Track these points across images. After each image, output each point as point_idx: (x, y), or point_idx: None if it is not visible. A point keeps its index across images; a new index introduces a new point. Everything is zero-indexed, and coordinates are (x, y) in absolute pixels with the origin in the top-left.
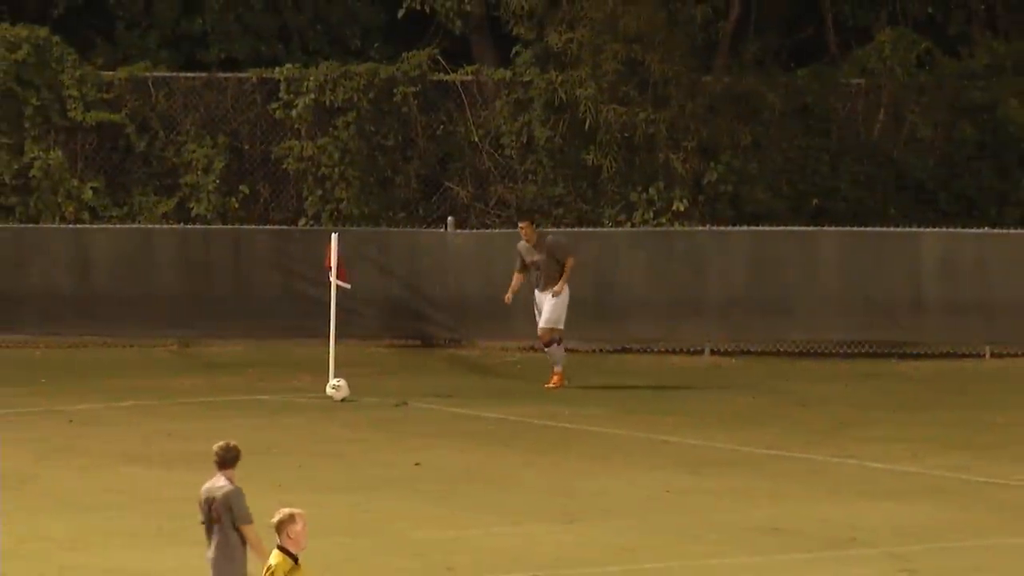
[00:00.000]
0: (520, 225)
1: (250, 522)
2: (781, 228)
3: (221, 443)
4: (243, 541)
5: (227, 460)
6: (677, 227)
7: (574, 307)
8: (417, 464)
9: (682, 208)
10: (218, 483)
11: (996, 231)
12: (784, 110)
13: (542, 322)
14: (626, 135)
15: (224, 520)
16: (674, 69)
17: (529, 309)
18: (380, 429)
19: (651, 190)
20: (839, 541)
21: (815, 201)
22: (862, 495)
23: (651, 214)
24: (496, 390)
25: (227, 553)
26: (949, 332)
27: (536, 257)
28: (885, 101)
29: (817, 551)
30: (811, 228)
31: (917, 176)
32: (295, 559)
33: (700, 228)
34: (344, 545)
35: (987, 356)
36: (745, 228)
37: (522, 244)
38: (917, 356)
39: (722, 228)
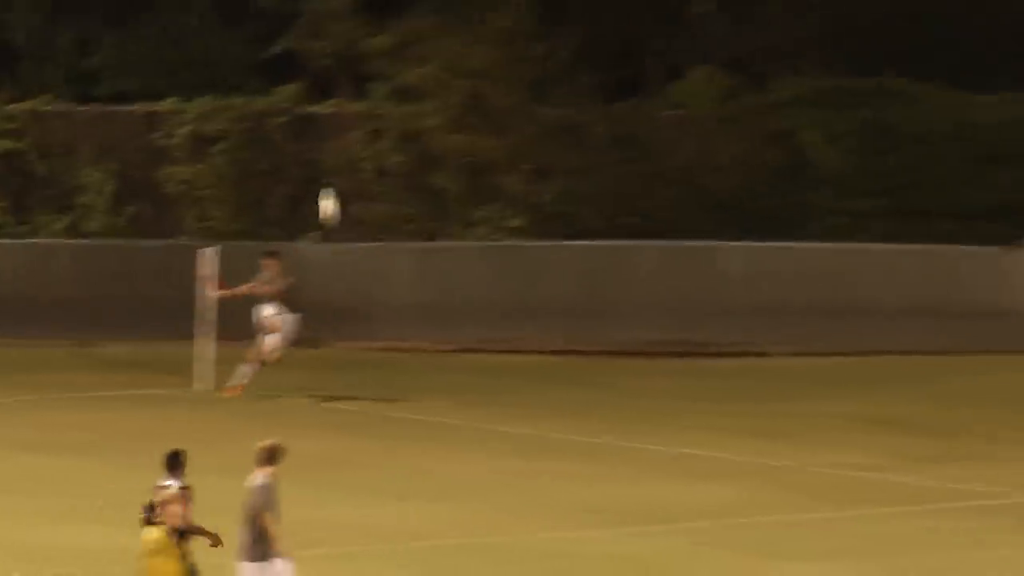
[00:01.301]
0: (266, 262)
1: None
2: (605, 243)
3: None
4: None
5: (262, 458)
6: (514, 242)
7: (422, 311)
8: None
9: (518, 225)
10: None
11: (792, 244)
12: (609, 138)
13: (278, 341)
14: (469, 160)
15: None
16: (512, 101)
17: (388, 315)
18: (252, 419)
19: (491, 209)
20: (648, 518)
21: (634, 218)
22: (671, 477)
23: (491, 230)
24: (354, 386)
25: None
26: (747, 334)
27: (274, 286)
28: (695, 130)
29: (628, 526)
30: (631, 242)
31: (722, 196)
32: (178, 534)
33: (534, 243)
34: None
35: (777, 355)
36: (574, 243)
37: (264, 275)
38: (720, 354)
39: (554, 243)
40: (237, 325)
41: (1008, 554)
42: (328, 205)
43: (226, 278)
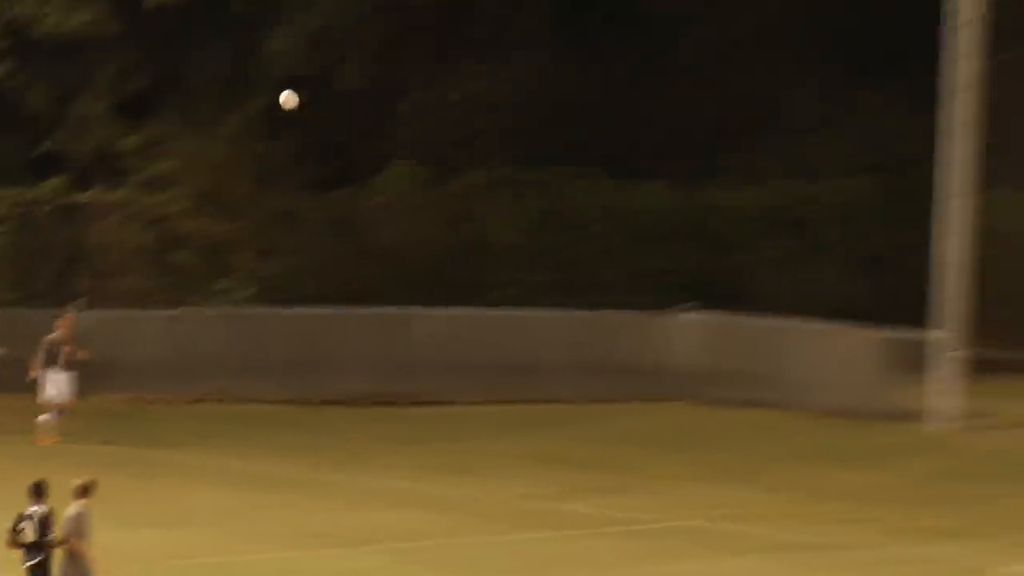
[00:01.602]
0: (59, 323)
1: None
2: (321, 309)
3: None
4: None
5: (78, 492)
6: (246, 309)
7: (168, 368)
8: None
9: (249, 294)
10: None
11: (476, 311)
12: (325, 221)
13: (64, 396)
14: (208, 241)
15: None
16: (244, 191)
17: (140, 371)
18: (23, 461)
19: (226, 282)
20: (359, 540)
21: (346, 289)
22: (379, 506)
23: (226, 299)
24: (114, 430)
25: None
26: (439, 386)
27: (63, 346)
28: (396, 214)
29: (343, 548)
30: (343, 309)
31: (417, 270)
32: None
33: (263, 309)
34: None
35: (463, 403)
36: (296, 309)
37: (55, 335)
38: (416, 403)
39: (279, 309)
40: (13, 381)
41: (662, 569)
42: (290, 98)
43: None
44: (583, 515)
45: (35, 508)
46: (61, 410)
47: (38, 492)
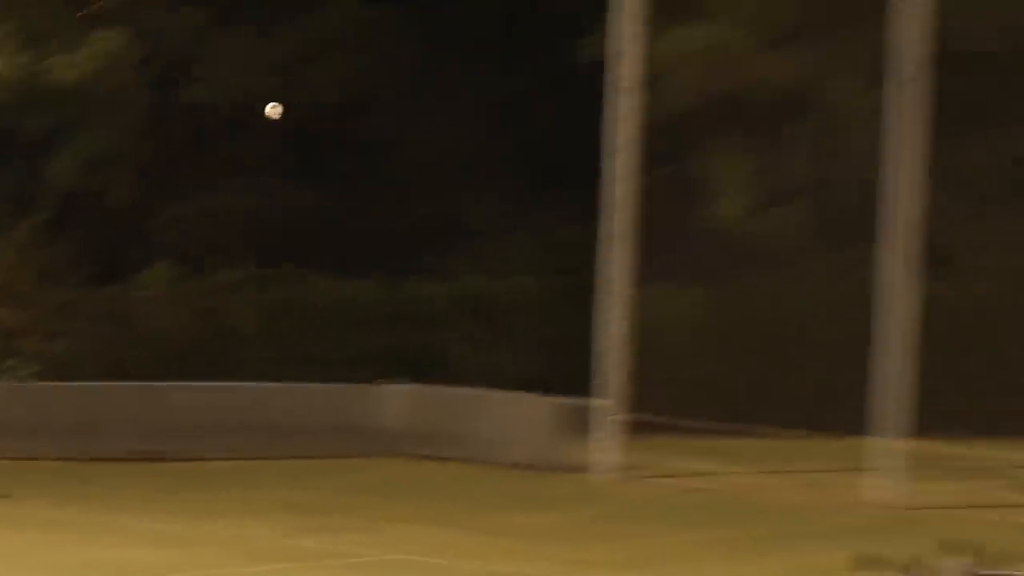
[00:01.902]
0: None
1: None
2: (96, 383)
3: None
4: None
5: None
6: (29, 383)
7: None
8: None
9: (35, 371)
10: None
11: (218, 384)
12: (102, 312)
13: None
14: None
15: None
16: (31, 287)
17: None
18: None
19: (14, 361)
20: (119, 572)
21: (117, 368)
22: (132, 543)
23: (12, 375)
24: None
25: None
26: (195, 445)
27: None
28: (156, 306)
29: None
30: (116, 383)
31: (176, 352)
32: None
33: (45, 383)
34: None
35: (212, 459)
36: (74, 383)
37: None
38: (177, 460)
39: (60, 383)
40: None
41: None
42: (274, 110)
43: None
44: (311, 549)
45: None
46: None
47: None
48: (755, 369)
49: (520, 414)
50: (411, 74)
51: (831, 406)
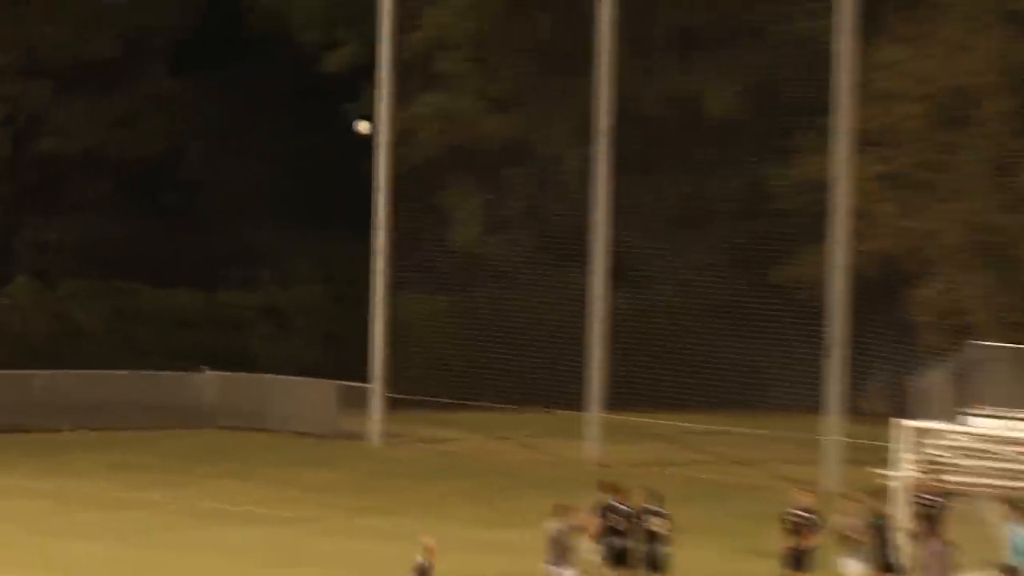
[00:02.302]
0: None
1: None
2: None
3: None
4: None
5: None
6: None
7: None
8: None
9: None
10: None
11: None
12: None
13: None
14: None
15: None
16: None
17: None
18: None
19: None
20: None
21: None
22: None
23: None
24: None
25: None
26: (52, 420)
27: None
28: (18, 315)
29: None
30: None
31: (39, 346)
32: None
33: None
34: None
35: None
36: None
37: None
38: (33, 431)
39: None
40: None
41: (196, 533)
42: (364, 125)
43: None
44: (143, 499)
45: None
46: None
47: None
48: (487, 358)
49: (308, 394)
50: (218, 130)
51: (545, 386)
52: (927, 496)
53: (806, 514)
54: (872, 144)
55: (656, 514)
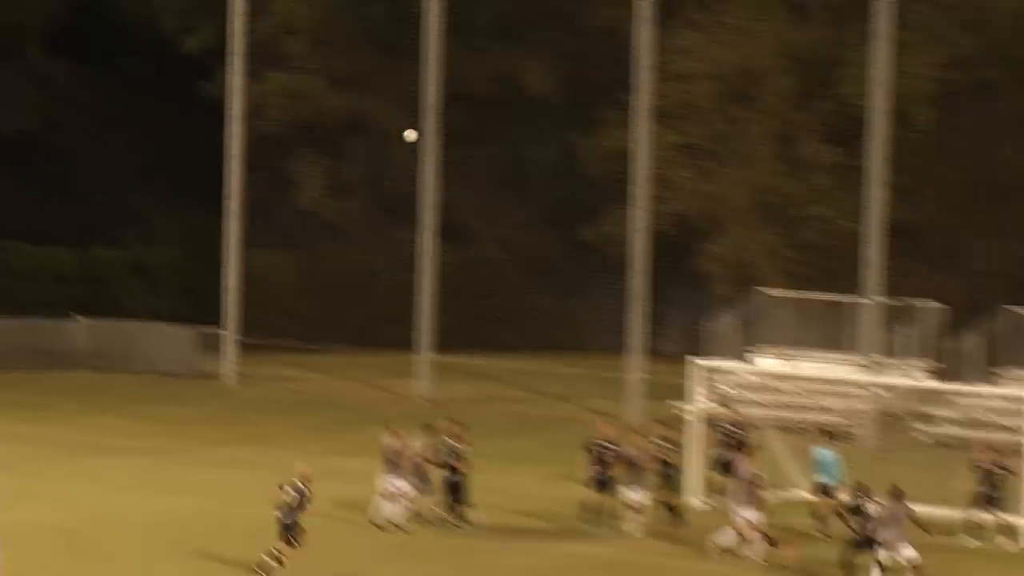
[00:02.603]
0: None
1: None
2: None
3: None
4: None
5: None
6: None
7: None
8: None
9: None
10: None
11: None
12: None
13: None
14: None
15: None
16: None
17: None
18: None
19: None
20: None
21: None
22: None
23: None
24: None
25: None
26: None
27: None
28: None
29: None
30: None
31: None
32: None
33: None
34: None
35: None
36: None
37: None
38: None
39: None
40: None
41: (78, 461)
42: (411, 134)
43: None
44: (26, 433)
45: None
46: None
47: None
48: (331, 307)
49: (169, 339)
50: (90, 105)
51: (383, 332)
52: (730, 426)
53: (608, 443)
54: (670, 118)
55: (457, 448)
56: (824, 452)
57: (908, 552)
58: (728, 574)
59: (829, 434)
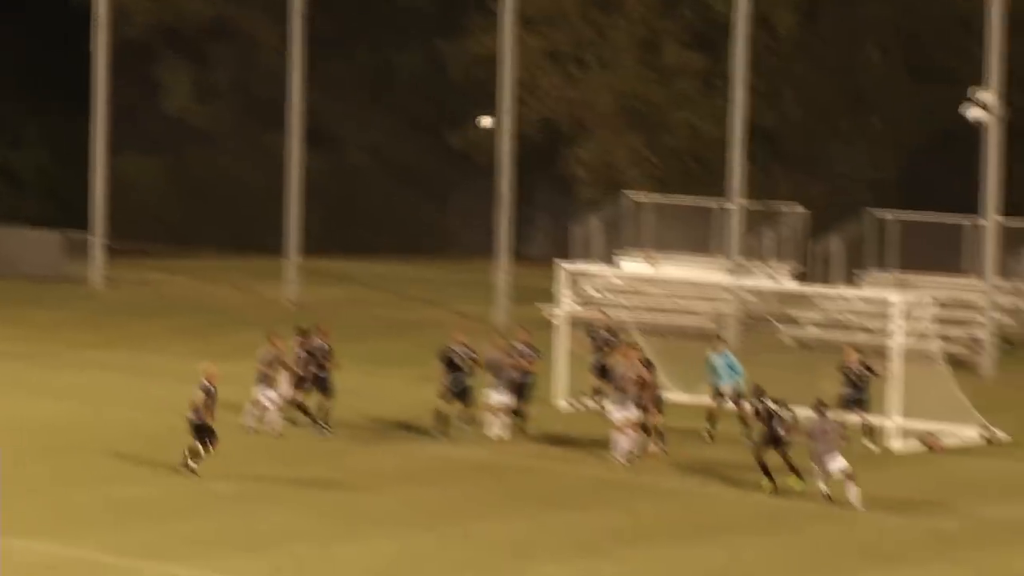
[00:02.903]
0: None
1: None
2: None
3: None
4: None
5: None
6: None
7: None
8: None
9: None
10: None
11: None
12: None
13: None
14: None
15: None
16: None
17: None
18: None
19: None
20: None
21: None
22: None
23: None
24: None
25: None
26: None
27: None
28: None
29: None
30: None
31: None
32: None
33: None
34: None
35: None
36: None
37: None
38: None
39: None
40: None
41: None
42: (487, 120)
43: None
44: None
45: None
46: None
47: None
48: (199, 212)
49: (35, 243)
50: None
51: (251, 237)
52: (604, 331)
53: (464, 349)
54: (535, 24)
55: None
56: (717, 357)
57: (839, 463)
58: (596, 475)
59: (717, 338)
